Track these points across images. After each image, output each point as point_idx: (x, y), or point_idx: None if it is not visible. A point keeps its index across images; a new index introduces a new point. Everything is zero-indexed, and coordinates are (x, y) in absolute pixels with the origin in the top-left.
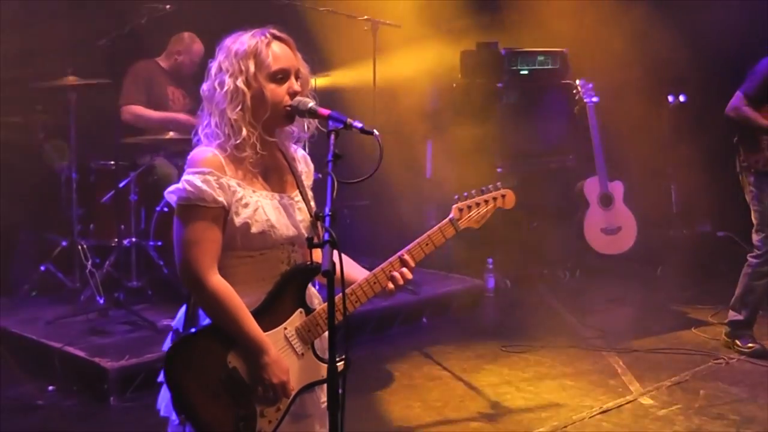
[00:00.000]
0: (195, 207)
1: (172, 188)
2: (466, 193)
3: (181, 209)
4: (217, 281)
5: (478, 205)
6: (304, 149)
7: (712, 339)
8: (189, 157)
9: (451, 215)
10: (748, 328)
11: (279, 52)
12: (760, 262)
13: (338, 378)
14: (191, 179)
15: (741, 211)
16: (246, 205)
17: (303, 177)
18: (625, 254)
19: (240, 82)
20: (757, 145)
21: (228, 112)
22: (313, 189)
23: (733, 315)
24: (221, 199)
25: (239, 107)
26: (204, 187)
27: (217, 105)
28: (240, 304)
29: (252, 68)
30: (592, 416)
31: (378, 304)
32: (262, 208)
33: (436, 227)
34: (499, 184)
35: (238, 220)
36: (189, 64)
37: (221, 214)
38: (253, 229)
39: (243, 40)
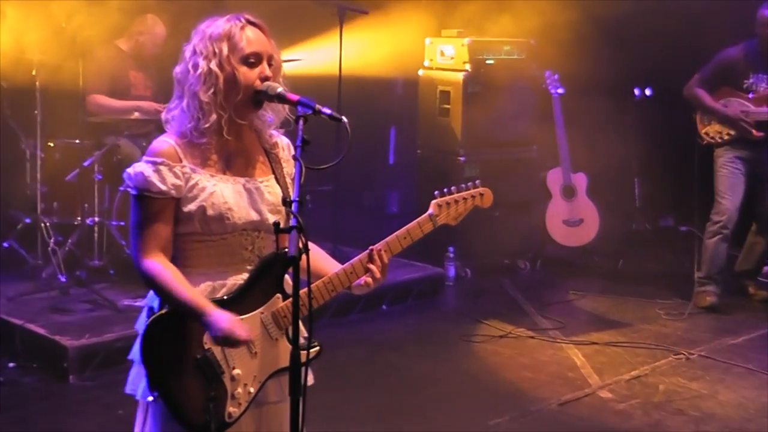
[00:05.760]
0: (143, 196)
1: (125, 173)
2: (446, 189)
3: (133, 196)
4: (151, 262)
5: (456, 202)
6: None
7: (672, 334)
8: (149, 146)
9: (430, 211)
10: (712, 285)
11: (252, 37)
12: (710, 223)
13: (306, 364)
14: (143, 168)
15: (704, 206)
16: (202, 189)
17: (283, 163)
18: (586, 246)
19: (213, 65)
20: (709, 119)
21: (200, 95)
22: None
23: (696, 272)
24: (166, 188)
25: (211, 90)
26: (152, 178)
27: (189, 87)
28: (172, 275)
29: (225, 51)
30: (550, 408)
31: None
32: (220, 191)
33: (415, 222)
34: (477, 182)
35: (193, 205)
36: (150, 46)
37: (169, 204)
38: (210, 212)
39: (218, 24)
